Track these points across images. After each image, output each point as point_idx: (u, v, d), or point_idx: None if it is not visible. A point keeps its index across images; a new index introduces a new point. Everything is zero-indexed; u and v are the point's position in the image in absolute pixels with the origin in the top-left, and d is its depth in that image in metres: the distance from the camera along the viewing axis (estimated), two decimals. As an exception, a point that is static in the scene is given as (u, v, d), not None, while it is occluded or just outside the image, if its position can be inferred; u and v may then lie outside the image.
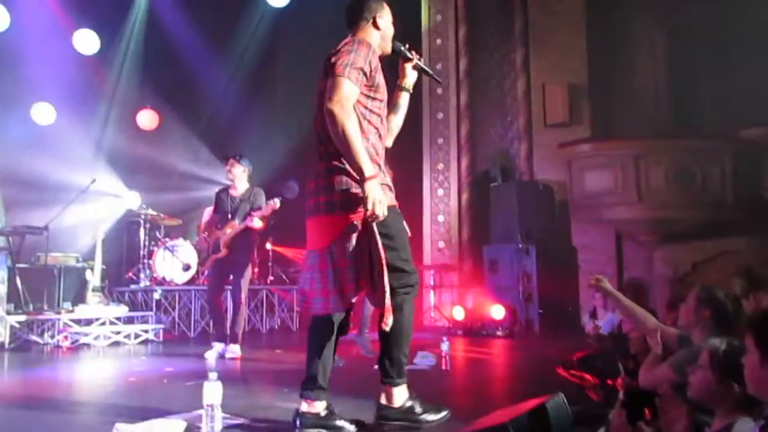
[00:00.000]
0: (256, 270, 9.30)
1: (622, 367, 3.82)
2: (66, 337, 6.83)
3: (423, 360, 5.27)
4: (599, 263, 9.21)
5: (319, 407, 2.98)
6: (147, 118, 10.30)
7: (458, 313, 8.89)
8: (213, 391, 2.87)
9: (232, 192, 6.15)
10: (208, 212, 6.61)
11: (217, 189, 6.52)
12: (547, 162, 9.80)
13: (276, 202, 5.80)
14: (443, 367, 4.95)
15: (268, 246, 9.78)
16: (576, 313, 8.86)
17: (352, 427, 2.95)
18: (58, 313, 7.07)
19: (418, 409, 3.00)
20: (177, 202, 9.87)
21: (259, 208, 5.90)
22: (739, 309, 2.82)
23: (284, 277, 9.97)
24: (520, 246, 8.77)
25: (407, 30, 10.57)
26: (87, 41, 9.76)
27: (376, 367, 3.16)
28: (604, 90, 9.94)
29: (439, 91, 10.24)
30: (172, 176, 10.25)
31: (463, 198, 9.92)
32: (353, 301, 2.98)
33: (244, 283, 6.04)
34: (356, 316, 4.12)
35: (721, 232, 8.94)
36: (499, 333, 8.30)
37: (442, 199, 10.09)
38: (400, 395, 3.00)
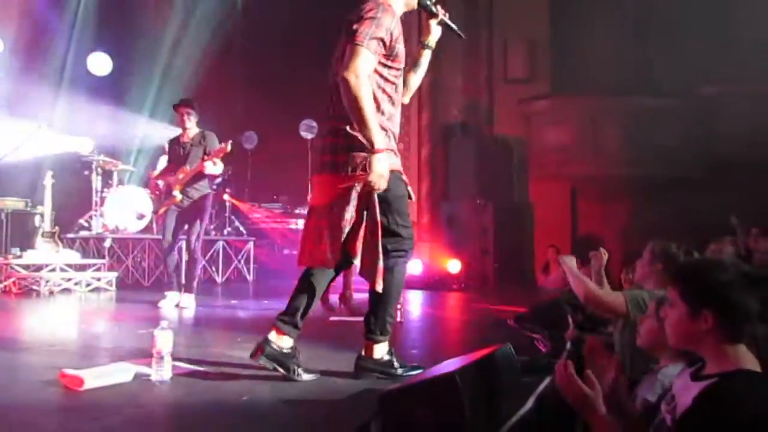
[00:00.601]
0: (211, 224, 9.19)
1: (571, 319, 3.92)
2: (15, 283, 6.67)
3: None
4: (554, 217, 9.39)
5: (286, 343, 3.03)
6: (99, 63, 9.88)
7: (415, 267, 8.98)
8: (163, 338, 2.84)
9: (183, 138, 6.02)
10: (162, 161, 6.47)
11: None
12: (507, 117, 9.84)
13: (227, 146, 5.69)
14: (397, 320, 5.00)
15: (226, 197, 9.63)
16: (531, 267, 9.05)
17: (305, 376, 2.96)
18: (6, 258, 6.87)
19: (395, 363, 3.09)
20: (132, 149, 9.61)
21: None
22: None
23: (242, 228, 9.86)
24: (477, 201, 8.85)
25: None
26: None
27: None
28: (565, 48, 9.94)
29: (401, 42, 10.07)
30: (127, 122, 9.94)
31: (423, 153, 9.91)
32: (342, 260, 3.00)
33: (199, 233, 5.95)
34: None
35: (675, 188, 9.18)
36: (455, 286, 8.43)
37: (402, 153, 10.04)
38: (380, 350, 3.11)
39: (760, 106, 9.13)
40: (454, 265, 8.58)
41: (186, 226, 5.94)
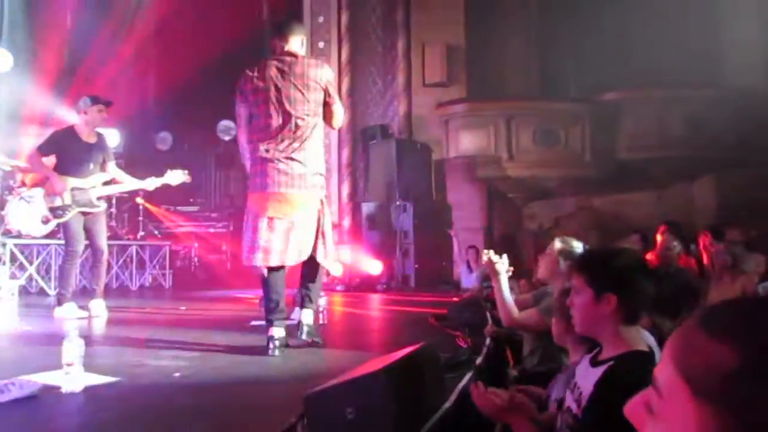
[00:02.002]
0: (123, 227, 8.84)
1: (490, 316, 4.04)
2: None
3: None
4: (472, 219, 9.64)
5: (284, 331, 3.75)
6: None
7: (336, 269, 8.96)
8: (73, 348, 2.70)
9: (86, 138, 5.48)
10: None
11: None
12: (425, 121, 10.01)
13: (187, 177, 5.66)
14: (320, 322, 4.99)
15: (139, 201, 9.28)
16: (450, 267, 9.24)
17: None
18: None
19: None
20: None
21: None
22: None
23: (156, 233, 9.54)
24: (397, 203, 8.95)
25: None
26: None
27: None
28: (481, 52, 10.23)
29: (321, 45, 10.06)
30: (30, 120, 9.37)
31: (343, 155, 9.93)
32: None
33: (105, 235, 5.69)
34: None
35: (581, 189, 9.66)
36: (376, 288, 8.49)
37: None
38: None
39: (660, 109, 9.75)
40: (375, 266, 8.64)
41: (92, 231, 5.63)
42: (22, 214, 7.66)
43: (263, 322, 3.89)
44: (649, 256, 4.62)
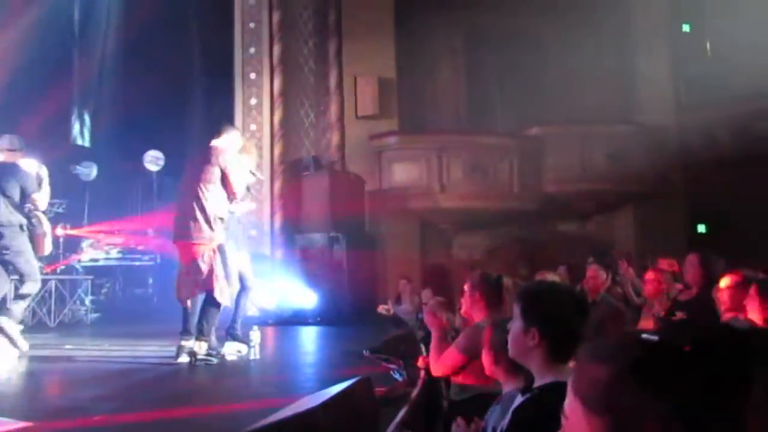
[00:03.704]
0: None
1: (424, 347, 4.05)
2: None
3: (232, 350, 5.14)
4: (405, 250, 9.72)
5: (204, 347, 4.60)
6: None
7: (269, 302, 8.81)
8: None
9: None
10: None
11: None
12: (358, 153, 10.08)
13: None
14: (252, 357, 4.88)
15: (59, 232, 8.85)
16: (384, 298, 9.24)
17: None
18: None
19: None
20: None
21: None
22: (500, 288, 3.02)
23: (77, 266, 9.12)
24: (331, 234, 8.92)
25: (219, 12, 10.33)
26: None
27: None
28: (411, 86, 10.46)
29: (253, 76, 10.02)
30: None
31: (276, 186, 9.84)
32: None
33: None
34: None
35: (509, 220, 9.93)
36: (310, 321, 8.38)
37: (254, 186, 9.87)
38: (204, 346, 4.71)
39: (581, 144, 10.22)
40: (308, 299, 8.53)
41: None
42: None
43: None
44: (578, 288, 4.78)
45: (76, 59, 10.59)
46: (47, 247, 5.90)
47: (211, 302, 4.72)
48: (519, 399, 1.76)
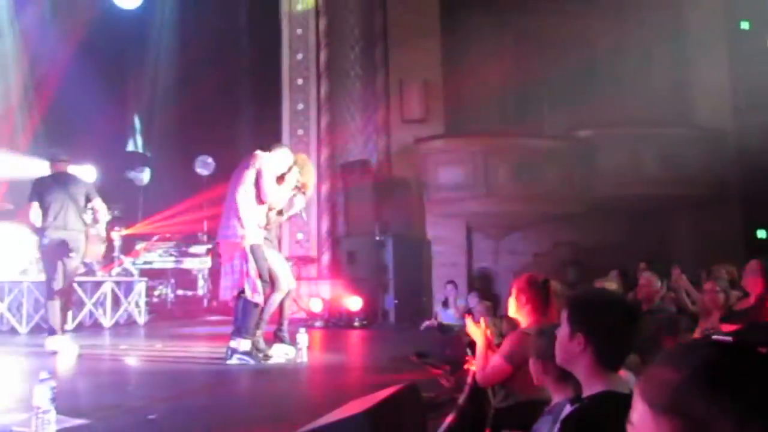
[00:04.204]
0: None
1: (471, 353, 4.01)
2: None
3: (280, 352, 5.21)
4: (451, 255, 9.66)
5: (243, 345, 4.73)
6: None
7: (316, 305, 8.89)
8: (44, 390, 2.62)
9: None
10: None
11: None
12: (404, 156, 10.07)
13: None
14: (299, 360, 4.93)
15: (115, 236, 9.15)
16: (429, 303, 9.21)
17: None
18: None
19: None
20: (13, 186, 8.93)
21: None
22: (548, 292, 2.96)
23: (132, 269, 9.39)
24: (377, 238, 8.94)
25: (268, 19, 10.51)
26: None
27: None
28: (458, 89, 10.39)
29: (300, 81, 10.15)
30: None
31: (323, 190, 9.93)
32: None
33: None
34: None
35: (557, 224, 9.75)
36: (356, 324, 8.41)
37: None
38: (245, 344, 4.78)
39: (633, 147, 9.97)
40: (354, 302, 8.57)
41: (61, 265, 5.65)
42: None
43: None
44: (630, 295, 4.66)
45: (130, 67, 10.93)
46: (96, 254, 6.30)
47: (247, 301, 4.83)
48: (568, 408, 1.73)
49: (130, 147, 11.52)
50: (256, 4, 10.68)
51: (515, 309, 3.04)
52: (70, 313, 6.43)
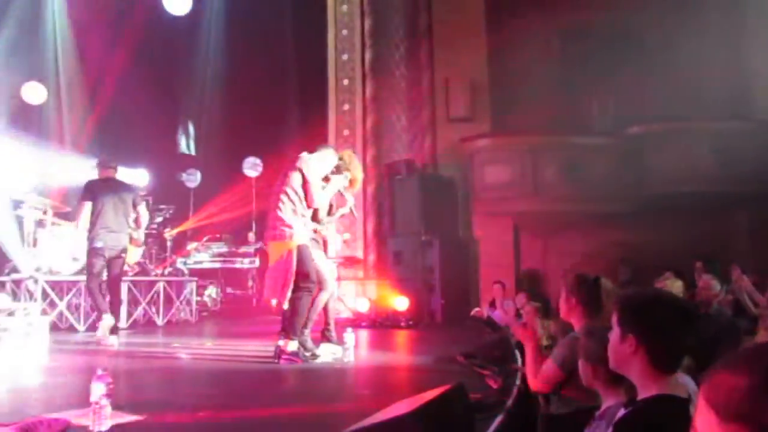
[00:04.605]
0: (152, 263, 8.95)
1: (519, 354, 3.95)
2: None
3: (327, 352, 5.24)
4: (498, 254, 9.55)
5: (291, 346, 4.80)
6: (33, 91, 9.54)
7: (362, 305, 8.92)
8: (100, 386, 2.70)
9: None
10: None
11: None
12: (450, 156, 10.02)
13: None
14: (346, 359, 4.95)
15: (167, 236, 9.40)
16: (477, 303, 9.13)
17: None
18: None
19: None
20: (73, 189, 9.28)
21: None
22: (599, 292, 2.86)
23: (183, 268, 9.62)
24: (423, 238, 8.91)
25: (313, 21, 10.61)
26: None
27: None
28: (504, 87, 10.27)
29: (345, 82, 10.21)
30: (62, 158, 9.62)
31: (368, 190, 9.96)
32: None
33: None
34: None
35: (608, 223, 9.51)
36: (402, 324, 8.40)
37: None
38: (293, 345, 4.86)
39: (687, 143, 9.64)
40: (401, 302, 8.56)
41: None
42: (52, 252, 7.86)
43: None
44: (688, 296, 4.50)
45: (180, 72, 11.21)
46: (134, 257, 6.77)
47: (294, 301, 4.86)
48: (621, 412, 1.68)
49: (181, 150, 11.82)
50: (301, 6, 10.80)
51: (566, 311, 2.96)
52: (124, 311, 6.69)
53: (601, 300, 2.83)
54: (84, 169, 9.72)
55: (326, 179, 5.23)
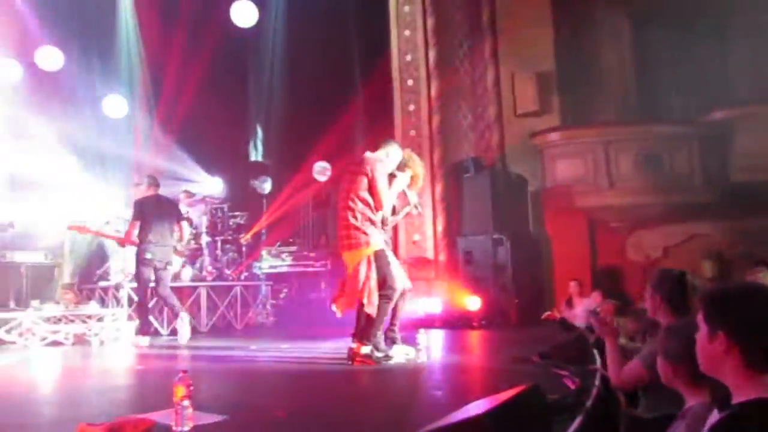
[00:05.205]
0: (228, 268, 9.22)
1: (597, 353, 3.82)
2: (35, 335, 6.70)
3: (400, 353, 5.24)
4: (573, 251, 9.28)
5: (364, 350, 4.80)
6: (114, 105, 10.02)
7: (434, 306, 8.87)
8: (183, 388, 2.79)
9: None
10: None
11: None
12: (518, 152, 9.83)
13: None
14: (419, 360, 4.93)
15: (243, 242, 9.66)
16: (552, 301, 8.91)
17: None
18: (27, 311, 6.97)
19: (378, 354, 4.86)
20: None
21: None
22: (685, 288, 2.74)
23: (259, 273, 9.87)
24: (494, 237, 8.78)
25: (376, 22, 10.66)
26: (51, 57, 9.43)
27: None
28: (572, 78, 9.98)
29: (410, 82, 10.20)
30: (144, 170, 10.06)
31: (437, 190, 9.90)
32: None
33: None
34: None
35: (691, 215, 9.06)
36: (475, 324, 8.31)
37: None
38: (366, 348, 4.81)
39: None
40: (473, 302, 8.47)
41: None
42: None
43: None
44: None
45: (249, 81, 11.52)
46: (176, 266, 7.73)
47: (372, 309, 4.84)
48: (715, 416, 1.56)
49: (252, 157, 12.14)
50: (363, 9, 10.88)
51: (652, 309, 2.84)
52: (186, 319, 7.05)
53: (687, 296, 2.70)
54: (165, 182, 10.16)
55: (392, 176, 5.15)
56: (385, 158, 5.10)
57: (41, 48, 9.22)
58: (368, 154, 5.08)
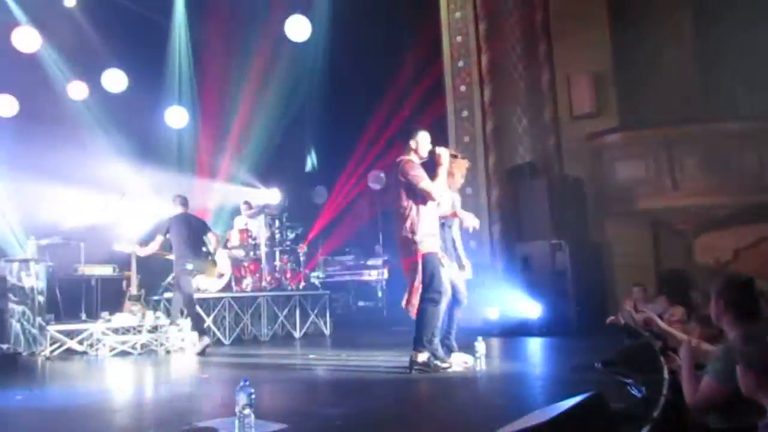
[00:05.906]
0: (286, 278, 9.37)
1: (664, 360, 3.68)
2: (104, 346, 6.98)
3: (459, 361, 5.20)
4: (635, 255, 9.00)
5: (422, 357, 4.82)
6: (176, 116, 10.36)
7: (492, 313, 8.75)
8: (244, 396, 2.85)
9: None
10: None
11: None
12: (576, 154, 9.61)
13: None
14: (478, 368, 4.88)
15: (300, 252, 9.80)
16: (615, 307, 8.65)
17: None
18: (97, 322, 7.28)
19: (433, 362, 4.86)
20: (215, 210, 10.00)
21: None
22: (752, 294, 2.61)
23: (316, 282, 9.99)
24: (552, 242, 8.61)
25: (428, 29, 10.67)
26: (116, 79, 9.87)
27: None
28: (630, 77, 9.71)
29: (463, 88, 10.14)
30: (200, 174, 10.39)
31: (493, 196, 9.78)
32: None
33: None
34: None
35: (761, 216, 8.65)
36: (535, 332, 8.15)
37: (471, 197, 9.93)
38: (423, 356, 4.83)
39: None
40: (532, 310, 8.31)
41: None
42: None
43: None
44: None
45: (304, 93, 11.72)
46: (211, 276, 8.13)
47: (423, 312, 4.83)
48: None
49: (308, 168, 12.34)
50: (414, 16, 10.91)
51: (716, 316, 2.72)
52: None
53: (756, 303, 2.57)
54: (226, 194, 10.45)
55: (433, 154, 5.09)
56: (415, 147, 5.12)
57: (107, 71, 9.67)
58: (397, 160, 5.11)
